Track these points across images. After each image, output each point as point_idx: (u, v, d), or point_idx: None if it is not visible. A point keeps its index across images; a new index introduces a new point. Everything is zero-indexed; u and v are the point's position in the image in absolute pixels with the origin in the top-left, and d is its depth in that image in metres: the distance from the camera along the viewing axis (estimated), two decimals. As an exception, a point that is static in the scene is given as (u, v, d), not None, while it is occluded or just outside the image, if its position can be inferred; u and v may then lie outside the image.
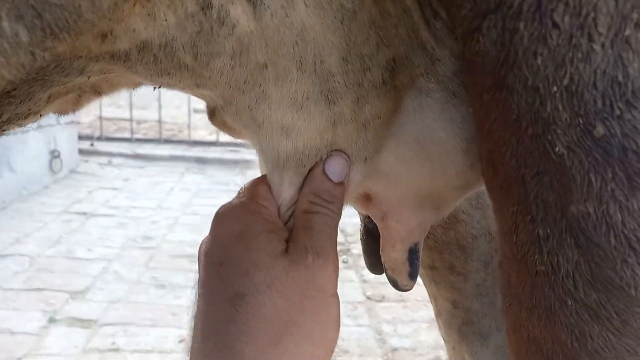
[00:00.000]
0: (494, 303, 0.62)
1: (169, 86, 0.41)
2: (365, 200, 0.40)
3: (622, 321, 0.28)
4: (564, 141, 0.26)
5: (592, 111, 0.25)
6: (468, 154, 0.35)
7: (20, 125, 0.40)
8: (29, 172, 3.27)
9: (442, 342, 2.05)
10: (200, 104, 4.19)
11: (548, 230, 0.28)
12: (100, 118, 4.89)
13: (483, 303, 0.62)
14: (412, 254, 0.42)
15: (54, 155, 3.57)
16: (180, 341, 1.78)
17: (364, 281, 2.31)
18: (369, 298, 2.19)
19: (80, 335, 1.77)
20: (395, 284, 0.44)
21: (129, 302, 2.02)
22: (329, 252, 0.34)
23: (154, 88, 0.45)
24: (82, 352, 1.67)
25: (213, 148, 4.97)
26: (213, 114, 0.42)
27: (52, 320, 1.84)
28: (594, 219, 0.26)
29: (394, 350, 1.84)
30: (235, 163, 4.64)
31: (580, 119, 0.25)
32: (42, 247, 2.47)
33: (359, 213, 0.53)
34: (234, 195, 0.38)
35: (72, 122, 3.85)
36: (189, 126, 5.11)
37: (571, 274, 0.28)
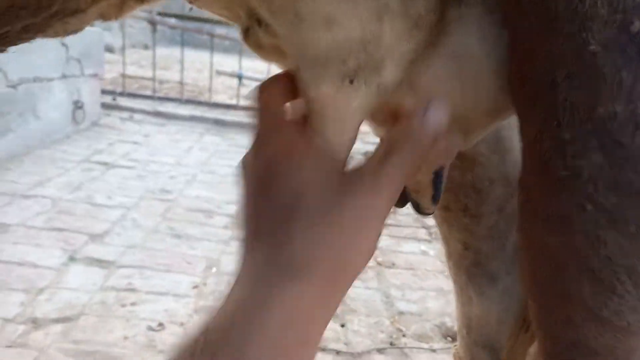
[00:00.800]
0: (505, 247, 0.64)
1: None
2: (393, 119, 0.41)
3: (638, 227, 0.29)
4: (599, 39, 0.26)
5: (630, 7, 0.26)
6: (499, 76, 0.35)
7: (65, 25, 0.39)
8: (53, 121, 3.33)
9: (449, 310, 2.09)
10: (223, 67, 4.22)
11: (574, 134, 0.29)
12: (124, 75, 4.93)
13: (493, 246, 0.64)
14: (437, 177, 0.41)
15: (77, 106, 3.62)
16: (194, 287, 1.84)
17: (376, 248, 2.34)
18: (379, 264, 2.23)
19: (98, 274, 1.84)
20: (417, 208, 0.45)
21: (146, 248, 2.08)
22: (389, 195, 0.33)
23: (190, 8, 0.46)
24: (99, 290, 1.74)
25: (233, 111, 5.00)
26: (247, 34, 0.43)
27: (71, 259, 1.91)
28: (621, 118, 0.27)
29: (401, 313, 1.88)
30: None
31: (618, 15, 0.26)
32: (63, 192, 2.54)
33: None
34: None
35: (95, 75, 3.90)
36: (210, 89, 5.13)
37: (593, 177, 0.29)
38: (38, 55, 3.07)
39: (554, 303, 0.35)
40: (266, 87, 0.38)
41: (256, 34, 0.40)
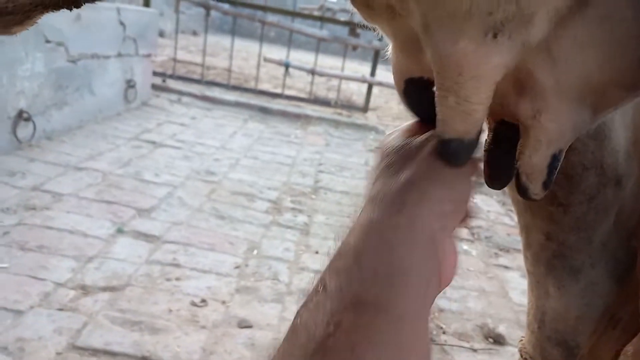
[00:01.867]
0: (592, 239, 0.60)
1: None
2: (517, 92, 0.37)
3: None
4: None
5: None
6: None
7: None
8: (106, 98, 3.42)
9: (491, 311, 2.03)
10: (268, 55, 4.20)
11: None
12: (175, 59, 5.02)
13: (580, 238, 0.60)
14: (554, 161, 0.39)
15: (130, 84, 3.71)
16: (236, 267, 1.85)
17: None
18: (420, 259, 2.18)
19: (144, 247, 1.88)
20: (525, 192, 0.42)
21: (190, 225, 2.11)
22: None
23: None
24: (145, 262, 1.78)
25: (277, 100, 5.02)
26: None
27: (119, 231, 1.95)
28: None
29: (441, 311, 1.84)
30: (297, 117, 4.67)
31: None
32: (113, 166, 2.60)
33: (489, 117, 0.51)
34: (294, 145, 0.39)
35: (148, 56, 3.98)
36: (255, 78, 5.17)
37: None
38: (97, 32, 3.16)
39: None
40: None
41: None
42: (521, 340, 0.75)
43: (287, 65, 4.84)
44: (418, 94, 0.44)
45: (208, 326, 1.50)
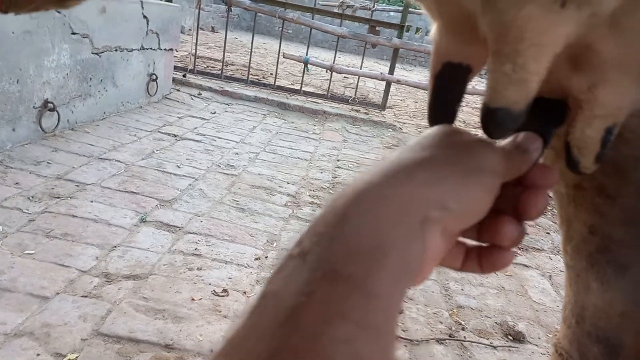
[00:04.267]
0: (640, 234, 0.59)
1: None
2: (572, 66, 0.36)
3: None
4: None
5: None
6: None
7: None
8: (129, 90, 3.45)
9: (510, 309, 2.01)
10: (288, 50, 4.20)
11: None
12: (195, 55, 5.04)
13: (628, 232, 0.59)
14: (608, 135, 0.37)
15: (152, 78, 3.74)
16: (256, 259, 1.86)
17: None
18: (441, 257, 2.17)
19: (166, 237, 1.89)
20: (575, 166, 0.40)
21: (212, 217, 2.12)
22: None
23: None
24: (168, 252, 1.79)
25: (295, 96, 5.02)
26: None
27: (142, 220, 1.97)
28: None
29: (460, 307, 1.83)
30: (314, 113, 4.67)
31: None
32: (136, 158, 2.63)
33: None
34: (312, 141, 0.35)
35: (170, 50, 4.00)
36: (276, 72, 5.17)
37: None
38: (121, 25, 3.19)
39: None
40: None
41: None
42: (555, 334, 0.74)
43: (306, 62, 4.83)
44: (452, 80, 0.42)
45: (230, 315, 1.50)
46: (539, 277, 2.19)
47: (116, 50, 3.20)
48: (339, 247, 0.26)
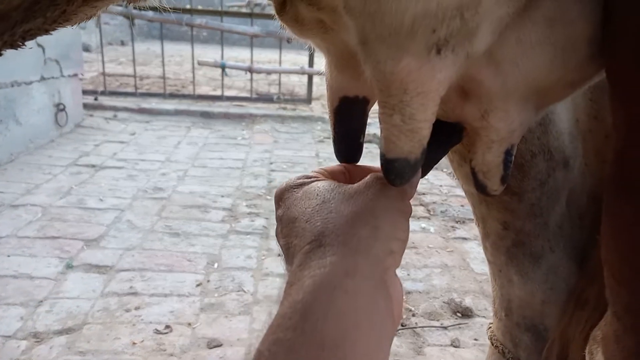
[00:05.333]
0: (547, 224, 0.60)
1: None
2: (462, 97, 0.36)
3: None
4: None
5: None
6: (592, 42, 0.32)
7: (92, 9, 0.36)
8: (35, 125, 3.23)
9: (455, 285, 2.06)
10: (202, 57, 4.09)
11: None
12: (104, 74, 4.80)
13: (536, 224, 0.60)
14: (508, 156, 0.39)
15: (59, 108, 3.51)
16: (197, 285, 1.79)
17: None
18: (383, 246, 2.19)
19: (97, 280, 1.78)
20: (484, 189, 0.41)
21: (144, 249, 2.02)
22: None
23: None
24: (100, 296, 1.69)
25: (218, 102, 4.91)
26: (283, 7, 0.38)
27: (68, 267, 1.84)
28: None
29: (408, 293, 1.85)
30: (241, 117, 4.58)
31: None
32: (53, 198, 2.46)
33: None
34: (242, 147, 0.36)
35: (75, 75, 3.78)
36: (192, 82, 5.02)
37: None
38: (14, 58, 2.96)
39: None
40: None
41: (295, 7, 0.36)
42: (490, 327, 0.74)
43: (223, 67, 4.73)
44: (351, 114, 0.42)
45: (176, 353, 1.44)
46: (478, 248, 2.26)
47: (13, 86, 2.97)
48: (301, 355, 0.26)
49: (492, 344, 0.72)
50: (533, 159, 0.57)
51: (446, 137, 0.41)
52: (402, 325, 1.66)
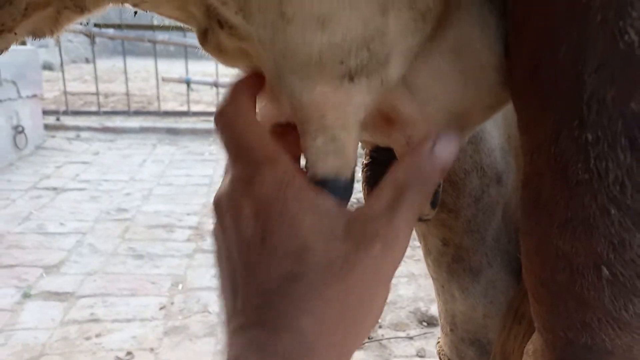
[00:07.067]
0: (485, 239, 0.61)
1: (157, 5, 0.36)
2: (386, 123, 0.37)
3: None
4: (638, 27, 0.23)
5: None
6: (501, 70, 0.33)
7: None
8: (-8, 149, 3.13)
9: (421, 294, 2.08)
10: (169, 74, 4.05)
11: (599, 134, 0.26)
12: (65, 92, 4.70)
13: (474, 239, 0.61)
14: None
15: (18, 130, 3.42)
16: (161, 308, 1.75)
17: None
18: (350, 259, 2.19)
19: (57, 308, 1.72)
20: None
21: (106, 273, 1.97)
22: (403, 243, 0.29)
23: (135, 13, 0.41)
24: (60, 325, 1.63)
25: (185, 118, 4.85)
26: (205, 37, 0.38)
27: (26, 295, 1.78)
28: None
29: (377, 307, 1.85)
30: (208, 132, 4.54)
31: None
32: (11, 224, 2.38)
33: (364, 143, 0.50)
34: (210, 163, 0.33)
35: (34, 96, 3.69)
36: (158, 97, 4.96)
37: (619, 179, 0.26)
38: (-34, 80, 2.87)
39: (569, 308, 0.33)
40: (236, 102, 0.32)
41: (217, 37, 0.36)
42: (438, 342, 0.75)
43: (188, 82, 4.69)
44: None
45: (139, 381, 1.40)
46: (444, 255, 2.29)
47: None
48: None
49: (440, 359, 0.72)
50: (467, 177, 0.57)
51: (390, 158, 0.41)
52: (368, 338, 1.66)
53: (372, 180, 0.52)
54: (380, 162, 0.52)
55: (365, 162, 0.54)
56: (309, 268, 0.27)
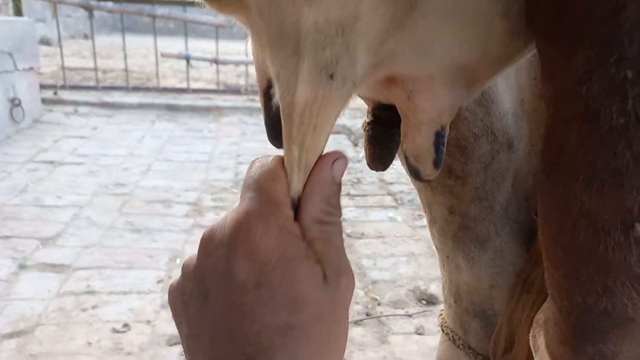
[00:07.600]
0: (493, 207, 0.59)
1: None
2: (387, 82, 0.35)
3: None
4: None
5: None
6: (509, 15, 0.31)
7: None
8: (-11, 121, 3.09)
9: (421, 273, 2.07)
10: (168, 49, 3.98)
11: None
12: (63, 67, 4.64)
13: (481, 207, 0.58)
14: (439, 138, 0.37)
15: (15, 103, 3.38)
16: (158, 282, 1.74)
17: (343, 220, 2.30)
18: (349, 235, 2.18)
19: (53, 279, 1.71)
20: (417, 174, 0.40)
21: (104, 246, 1.96)
22: (349, 267, 0.31)
23: None
24: (56, 296, 1.62)
25: (184, 95, 4.80)
26: None
27: (22, 267, 1.77)
28: None
29: (374, 282, 1.84)
30: (207, 110, 4.50)
31: None
32: (7, 196, 2.36)
33: (365, 100, 0.48)
34: (209, 140, 0.32)
35: (31, 69, 3.63)
36: (157, 74, 4.90)
37: None
38: (-39, 50, 2.82)
39: (589, 271, 0.30)
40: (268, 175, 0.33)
41: None
42: (441, 314, 0.73)
43: (187, 58, 4.63)
44: None
45: (134, 351, 1.39)
46: (444, 236, 2.27)
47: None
48: None
49: (443, 331, 0.70)
50: (476, 141, 0.55)
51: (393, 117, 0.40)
52: (367, 315, 1.65)
53: (375, 139, 0.50)
54: (382, 121, 0.49)
55: (367, 120, 0.51)
56: (303, 320, 0.28)
